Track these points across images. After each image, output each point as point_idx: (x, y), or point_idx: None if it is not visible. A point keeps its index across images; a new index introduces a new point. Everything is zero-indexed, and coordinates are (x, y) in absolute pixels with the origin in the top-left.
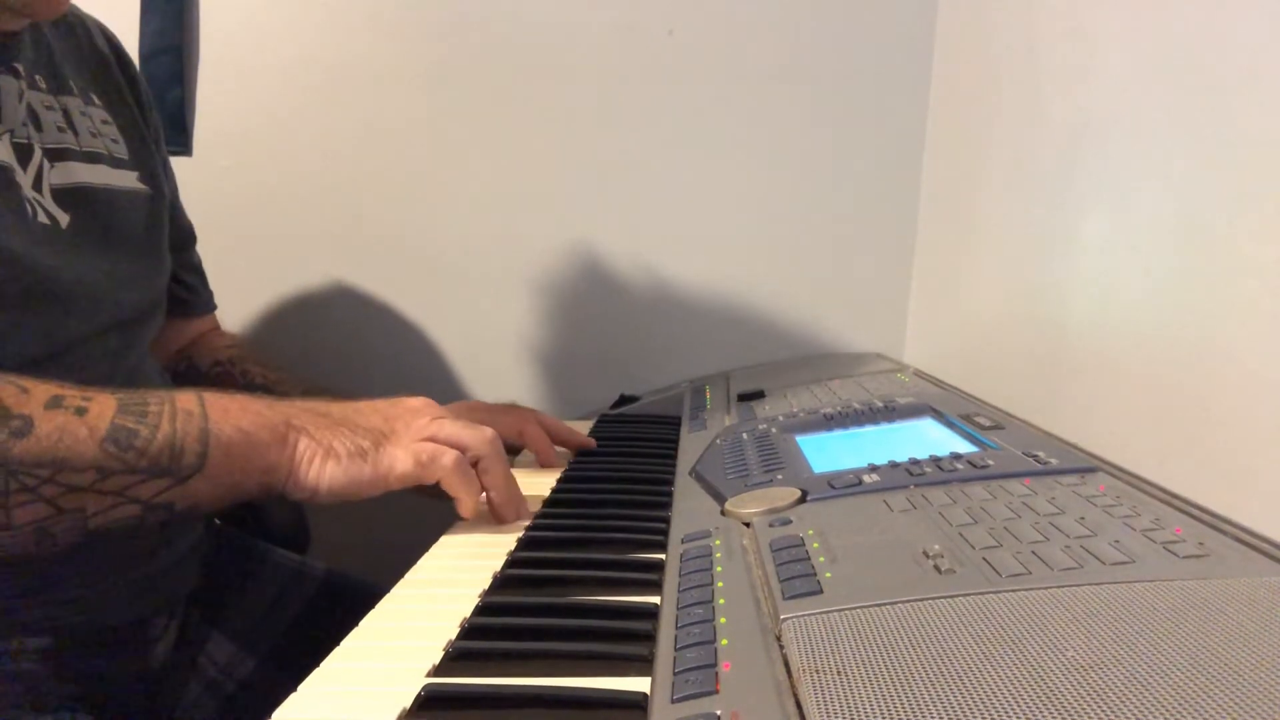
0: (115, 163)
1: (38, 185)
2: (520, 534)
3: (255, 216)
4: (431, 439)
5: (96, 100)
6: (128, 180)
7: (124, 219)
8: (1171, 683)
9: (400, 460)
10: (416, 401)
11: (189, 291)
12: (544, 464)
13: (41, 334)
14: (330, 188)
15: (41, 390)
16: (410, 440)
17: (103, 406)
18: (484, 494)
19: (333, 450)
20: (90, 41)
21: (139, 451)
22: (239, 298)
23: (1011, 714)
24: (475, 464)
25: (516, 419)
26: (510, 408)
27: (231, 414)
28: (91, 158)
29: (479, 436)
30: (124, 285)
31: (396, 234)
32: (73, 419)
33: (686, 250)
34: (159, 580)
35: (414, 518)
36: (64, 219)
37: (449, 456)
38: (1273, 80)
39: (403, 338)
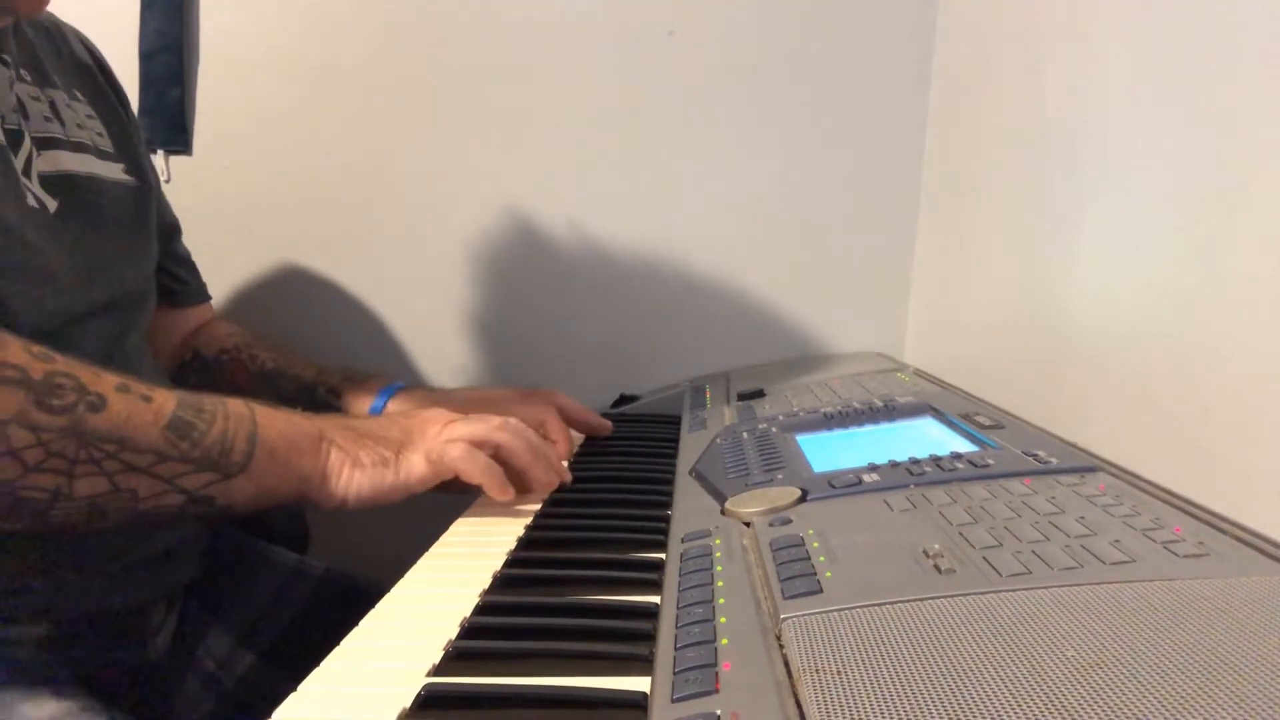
0: (101, 154)
1: (26, 172)
2: (520, 534)
3: (255, 216)
4: (446, 440)
5: (80, 96)
6: (114, 172)
7: (110, 207)
8: (1171, 682)
9: (417, 464)
10: (432, 411)
11: (179, 283)
12: (560, 458)
13: (35, 308)
14: (331, 187)
15: (111, 376)
16: (425, 445)
17: (164, 398)
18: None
19: (359, 460)
20: (69, 47)
21: (194, 442)
22: (239, 296)
23: (1011, 714)
24: (495, 452)
25: (538, 409)
26: (532, 394)
27: (277, 421)
28: (78, 147)
29: (487, 427)
30: (112, 265)
31: (397, 233)
32: (139, 403)
33: (686, 250)
34: (157, 567)
35: (414, 518)
36: (52, 205)
37: (457, 449)
38: (1273, 80)
39: (402, 336)
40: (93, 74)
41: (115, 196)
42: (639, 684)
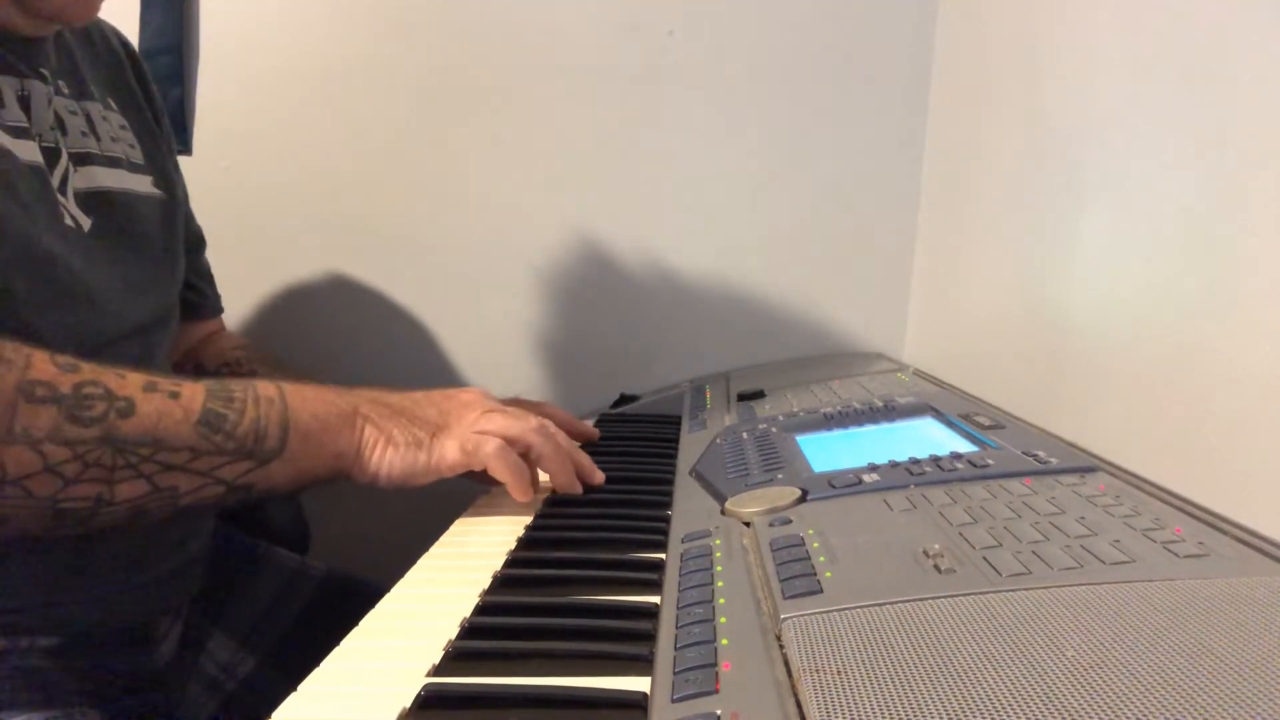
0: (133, 167)
1: (63, 189)
2: (520, 534)
3: (255, 216)
4: (481, 431)
5: (113, 105)
6: (144, 185)
7: (141, 223)
8: (1171, 682)
9: (450, 450)
10: (470, 395)
11: (198, 295)
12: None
13: (75, 335)
14: (331, 187)
15: (137, 376)
16: (461, 432)
17: (194, 392)
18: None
19: (393, 439)
20: (106, 46)
21: (227, 434)
22: (240, 297)
23: (1011, 714)
24: (526, 453)
25: None
26: (519, 403)
27: (309, 402)
28: (112, 162)
29: (524, 426)
30: (142, 290)
31: (397, 233)
32: (169, 401)
33: (687, 250)
34: (167, 583)
35: (414, 518)
36: (86, 223)
37: (492, 444)
38: (1273, 80)
39: (403, 337)
40: (126, 77)
41: (146, 212)
42: (639, 684)
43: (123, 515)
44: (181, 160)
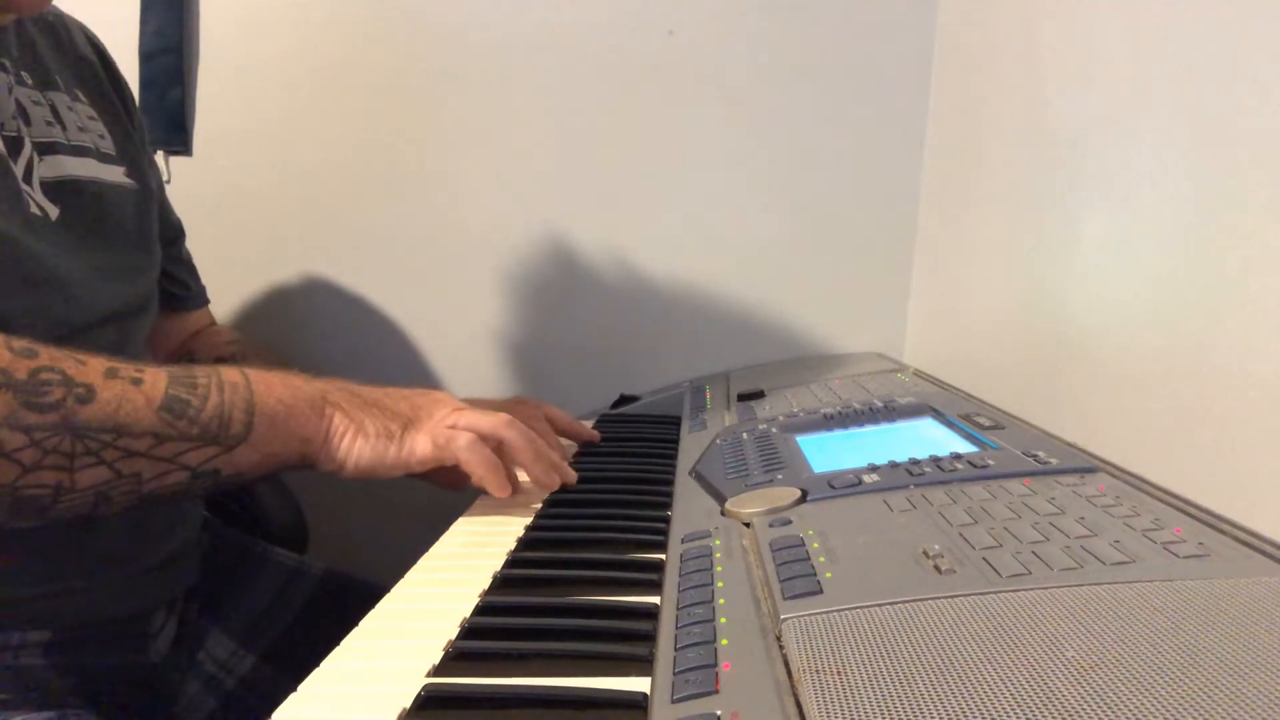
0: (103, 157)
1: (27, 178)
2: (520, 534)
3: (254, 216)
4: (452, 426)
5: (82, 96)
6: (115, 175)
7: (112, 212)
8: (1171, 683)
9: (421, 444)
10: (439, 394)
11: (181, 287)
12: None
13: (46, 321)
14: (330, 187)
15: (98, 362)
16: (433, 426)
17: (156, 378)
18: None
19: (363, 428)
20: (72, 41)
21: (190, 420)
22: (237, 297)
23: (1011, 714)
24: (499, 448)
25: (523, 415)
26: (520, 403)
27: (274, 387)
28: (79, 151)
29: (495, 421)
30: (115, 277)
31: (397, 233)
32: (130, 388)
33: (687, 250)
34: (158, 574)
35: (414, 518)
36: (53, 211)
37: (464, 438)
38: (1273, 80)
39: (402, 337)
40: (96, 71)
41: (117, 202)
42: (639, 684)
43: (85, 503)
44: (181, 160)
